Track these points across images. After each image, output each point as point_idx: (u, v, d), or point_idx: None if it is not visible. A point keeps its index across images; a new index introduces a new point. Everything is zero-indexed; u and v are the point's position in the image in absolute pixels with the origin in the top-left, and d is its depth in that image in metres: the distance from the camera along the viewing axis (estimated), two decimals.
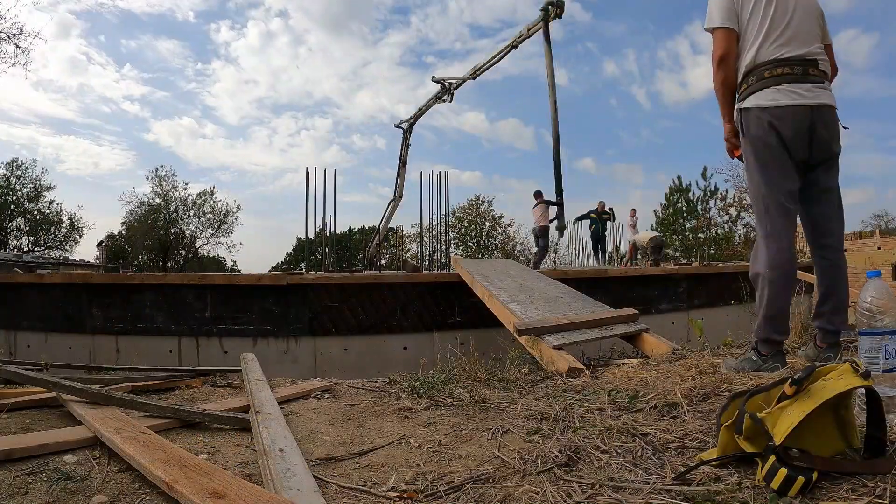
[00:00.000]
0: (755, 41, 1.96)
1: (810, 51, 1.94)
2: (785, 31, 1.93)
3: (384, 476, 1.21)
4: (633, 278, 6.77)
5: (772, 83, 1.92)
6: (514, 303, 3.80)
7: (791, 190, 1.95)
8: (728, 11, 2.01)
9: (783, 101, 1.89)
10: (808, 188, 2.00)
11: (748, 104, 1.97)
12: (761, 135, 1.93)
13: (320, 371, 5.20)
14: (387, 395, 2.15)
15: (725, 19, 2.01)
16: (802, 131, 1.89)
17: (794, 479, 0.89)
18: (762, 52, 1.94)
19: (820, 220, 2.02)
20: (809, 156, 1.93)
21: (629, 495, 0.97)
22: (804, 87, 1.90)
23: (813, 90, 1.90)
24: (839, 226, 2.03)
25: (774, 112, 1.90)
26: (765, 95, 1.92)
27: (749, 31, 1.98)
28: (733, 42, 2.01)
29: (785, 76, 1.91)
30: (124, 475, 1.21)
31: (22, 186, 24.10)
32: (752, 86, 1.97)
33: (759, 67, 1.95)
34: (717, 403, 1.56)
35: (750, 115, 1.96)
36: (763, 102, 1.92)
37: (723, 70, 2.03)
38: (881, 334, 1.23)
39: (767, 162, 1.94)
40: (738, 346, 2.67)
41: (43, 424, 1.67)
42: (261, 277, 5.81)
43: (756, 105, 1.94)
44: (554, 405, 1.70)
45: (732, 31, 2.00)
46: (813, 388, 0.99)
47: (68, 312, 5.75)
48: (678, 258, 9.64)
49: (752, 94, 1.96)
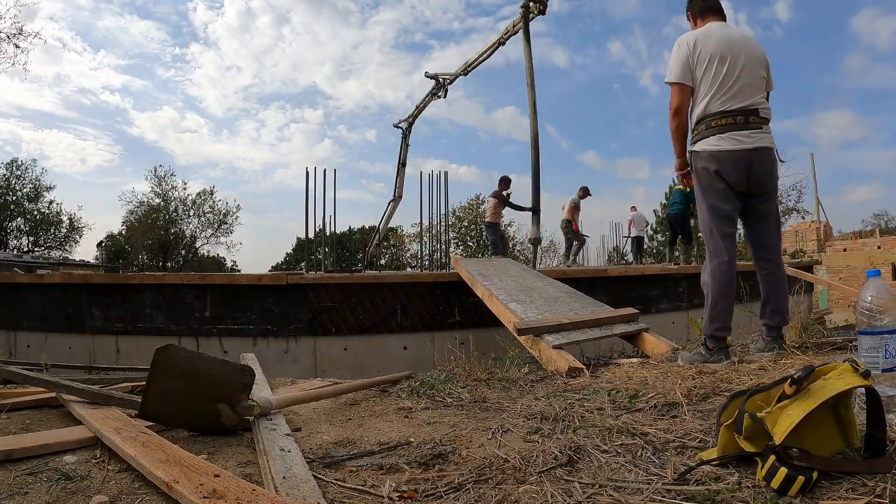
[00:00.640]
0: (706, 95, 2.32)
1: (752, 102, 2.31)
2: (732, 87, 2.29)
3: (384, 476, 1.21)
4: (633, 278, 6.78)
5: (716, 131, 2.30)
6: (514, 302, 3.80)
7: (731, 217, 2.37)
8: (684, 69, 2.35)
9: (725, 146, 2.29)
10: (748, 213, 2.41)
11: (697, 148, 2.37)
12: (707, 173, 2.33)
13: (320, 371, 5.20)
14: (387, 394, 2.15)
15: (681, 76, 2.36)
16: (741, 170, 2.29)
17: (794, 478, 0.89)
18: (711, 105, 2.31)
19: (759, 237, 2.43)
20: (748, 188, 2.33)
21: (629, 495, 0.97)
22: (744, 133, 2.28)
23: (752, 136, 2.29)
24: (775, 242, 2.46)
25: (718, 155, 2.29)
26: (711, 141, 2.31)
27: (702, 86, 2.34)
28: (687, 95, 2.39)
29: (728, 126, 2.29)
30: (124, 475, 1.21)
31: (22, 186, 24.09)
32: (701, 133, 2.36)
33: (708, 118, 2.32)
34: (716, 403, 1.56)
35: (699, 157, 2.37)
36: (709, 148, 2.32)
37: (677, 118, 2.42)
38: (881, 334, 1.23)
39: (711, 195, 2.34)
40: (738, 346, 2.68)
41: (43, 424, 1.67)
42: (261, 277, 5.82)
43: (703, 149, 2.34)
44: (554, 405, 1.70)
45: (687, 86, 2.37)
46: (813, 387, 1.00)
47: (68, 312, 5.75)
48: (678, 258, 9.63)
49: (700, 140, 2.36)
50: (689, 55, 2.33)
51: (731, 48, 2.30)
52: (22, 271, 8.59)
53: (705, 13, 2.47)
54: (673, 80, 2.37)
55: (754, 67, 2.32)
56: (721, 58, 2.28)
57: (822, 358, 2.13)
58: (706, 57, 2.30)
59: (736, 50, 2.30)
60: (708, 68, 2.30)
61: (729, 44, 2.32)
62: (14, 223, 24.02)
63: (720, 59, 2.28)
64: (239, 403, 1.60)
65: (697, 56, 2.32)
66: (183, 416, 1.59)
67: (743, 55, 2.30)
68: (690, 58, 2.33)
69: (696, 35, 2.37)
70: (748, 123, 2.28)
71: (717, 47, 2.30)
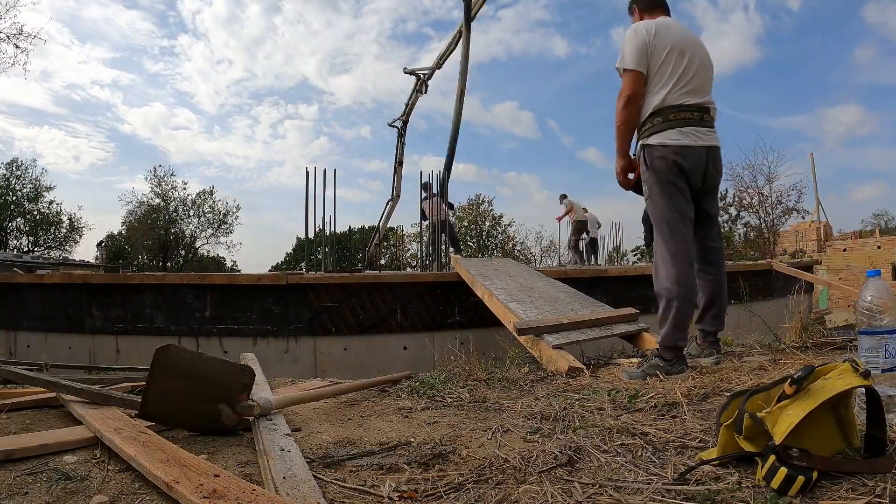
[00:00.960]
0: (665, 86, 2.18)
1: (706, 100, 2.25)
2: (690, 82, 2.19)
3: (384, 476, 1.21)
4: (633, 278, 6.77)
5: (676, 125, 2.18)
6: (514, 302, 3.80)
7: (690, 216, 2.25)
8: (641, 56, 2.19)
9: (685, 141, 2.18)
10: (698, 213, 2.29)
11: (653, 141, 2.22)
12: (666, 168, 2.19)
13: (320, 371, 5.20)
14: (387, 394, 2.15)
15: (638, 63, 2.19)
16: (700, 166, 2.21)
17: (794, 478, 0.89)
18: (669, 97, 2.18)
19: (706, 240, 2.35)
20: (701, 186, 2.26)
21: (629, 495, 0.97)
22: (702, 130, 2.21)
23: (708, 133, 2.23)
24: (721, 244, 2.42)
25: (678, 150, 2.17)
26: (670, 135, 2.18)
27: (658, 77, 2.20)
28: (641, 84, 2.21)
29: (687, 120, 2.19)
30: (124, 475, 1.21)
31: (22, 187, 24.09)
32: (656, 126, 2.20)
33: (666, 110, 2.18)
34: (716, 403, 1.56)
35: (654, 151, 2.21)
36: (667, 141, 2.18)
37: (629, 108, 2.22)
38: (881, 333, 1.23)
39: (672, 191, 2.21)
40: (738, 345, 2.68)
41: (43, 424, 1.67)
42: (261, 277, 5.81)
43: (661, 143, 2.19)
44: (554, 405, 1.70)
45: (642, 74, 2.20)
46: (813, 387, 1.00)
47: (68, 312, 5.75)
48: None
49: (657, 133, 2.20)
50: (647, 42, 2.19)
51: (688, 44, 2.23)
52: (22, 271, 8.59)
53: (654, 7, 2.36)
54: (629, 66, 2.19)
55: (707, 67, 2.28)
56: (681, 51, 2.19)
57: (822, 358, 2.13)
58: (665, 47, 2.19)
59: (692, 47, 2.24)
60: (668, 59, 2.18)
61: (687, 39, 2.25)
62: (14, 223, 24.00)
63: (679, 53, 2.19)
64: (239, 403, 1.60)
65: (655, 45, 2.19)
66: (183, 416, 1.59)
67: (698, 53, 2.25)
68: (649, 45, 2.19)
69: (654, 24, 2.24)
70: (703, 121, 2.22)
71: (678, 40, 2.21)
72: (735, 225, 21.43)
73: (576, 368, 2.37)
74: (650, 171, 2.23)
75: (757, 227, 20.15)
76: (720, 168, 2.34)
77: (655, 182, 2.22)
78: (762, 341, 2.59)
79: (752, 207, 20.13)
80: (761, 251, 17.99)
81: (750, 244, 19.63)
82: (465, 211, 24.53)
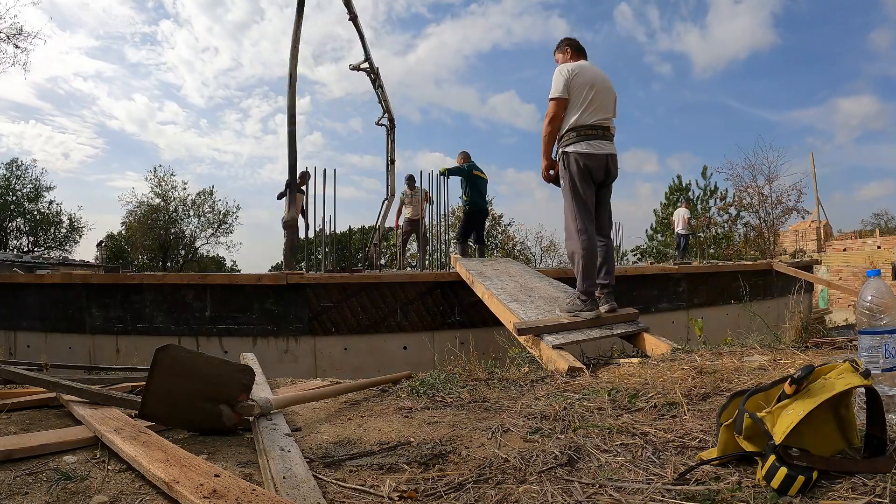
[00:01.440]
0: (578, 110, 3.16)
1: (607, 120, 3.24)
2: (597, 109, 3.18)
3: (384, 476, 1.21)
4: (633, 277, 6.77)
5: (584, 139, 3.16)
6: (514, 302, 3.80)
7: (592, 201, 3.24)
8: (563, 89, 3.16)
9: (591, 150, 3.16)
10: (597, 200, 3.28)
11: (569, 150, 3.18)
12: (578, 169, 3.15)
13: (320, 371, 5.20)
14: (387, 394, 2.15)
15: (562, 93, 3.16)
16: (601, 168, 3.22)
17: (794, 478, 0.89)
18: (581, 118, 3.16)
19: (602, 220, 3.35)
20: (602, 182, 3.28)
21: (629, 495, 0.97)
22: (602, 143, 3.21)
23: (607, 145, 3.23)
24: (610, 222, 3.45)
25: (586, 157, 3.16)
26: (581, 146, 3.16)
27: (574, 103, 3.17)
28: (562, 109, 3.18)
29: (593, 135, 3.18)
30: (124, 475, 1.21)
31: (22, 187, 24.09)
32: (572, 139, 3.18)
33: (579, 128, 3.16)
34: (716, 403, 1.56)
35: (570, 157, 3.18)
36: (579, 150, 3.16)
37: (552, 125, 3.20)
38: (881, 333, 1.23)
39: (582, 185, 3.16)
40: (739, 344, 2.68)
41: (43, 424, 1.67)
42: (260, 277, 5.81)
43: (574, 151, 3.16)
44: (554, 404, 1.70)
45: (564, 100, 3.17)
46: (813, 387, 1.00)
47: (68, 312, 5.75)
48: (676, 257, 9.64)
49: (571, 144, 3.18)
50: (569, 79, 3.14)
51: (597, 81, 3.19)
52: (22, 271, 8.59)
53: (578, 53, 3.38)
54: (555, 95, 3.15)
55: (610, 98, 3.27)
56: (591, 86, 3.16)
57: (822, 357, 2.13)
58: (580, 83, 3.14)
59: (600, 83, 3.21)
60: (580, 91, 3.14)
61: (597, 77, 3.21)
62: (14, 223, 24.01)
63: (590, 87, 3.15)
64: (239, 403, 1.60)
65: (574, 81, 3.14)
66: (183, 416, 1.58)
67: (604, 88, 3.22)
68: (570, 82, 3.14)
69: (574, 66, 3.20)
70: (604, 136, 3.22)
71: (590, 78, 3.17)
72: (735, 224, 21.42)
73: (576, 368, 2.37)
74: (567, 170, 3.19)
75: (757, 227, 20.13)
76: (616, 168, 3.33)
77: (570, 178, 3.17)
78: (762, 341, 2.59)
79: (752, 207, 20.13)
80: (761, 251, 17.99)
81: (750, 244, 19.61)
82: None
